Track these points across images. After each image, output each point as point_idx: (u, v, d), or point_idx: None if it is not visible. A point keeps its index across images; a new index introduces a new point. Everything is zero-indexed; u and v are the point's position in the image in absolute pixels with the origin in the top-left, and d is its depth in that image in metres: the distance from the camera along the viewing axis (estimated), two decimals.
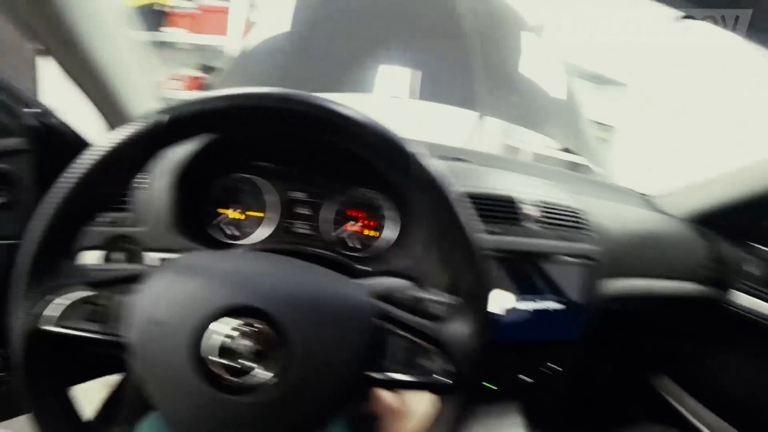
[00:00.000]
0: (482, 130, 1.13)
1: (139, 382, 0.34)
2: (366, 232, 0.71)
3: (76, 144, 0.78)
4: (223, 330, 0.33)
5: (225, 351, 0.33)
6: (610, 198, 0.99)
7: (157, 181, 0.61)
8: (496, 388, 0.87)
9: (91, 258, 0.59)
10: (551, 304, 0.76)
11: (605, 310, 0.86)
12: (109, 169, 0.36)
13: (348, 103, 0.37)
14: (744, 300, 1.05)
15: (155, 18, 2.39)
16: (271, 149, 0.68)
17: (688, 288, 1.02)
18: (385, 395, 0.56)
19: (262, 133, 0.61)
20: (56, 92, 0.74)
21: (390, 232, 0.71)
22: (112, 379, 0.84)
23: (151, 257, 0.60)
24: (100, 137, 0.36)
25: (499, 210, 0.71)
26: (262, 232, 0.68)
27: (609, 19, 2.52)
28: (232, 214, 0.67)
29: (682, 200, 1.07)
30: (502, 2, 1.09)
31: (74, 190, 0.35)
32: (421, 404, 0.51)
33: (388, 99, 0.79)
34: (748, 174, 0.97)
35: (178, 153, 0.62)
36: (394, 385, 0.43)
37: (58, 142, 0.74)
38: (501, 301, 0.71)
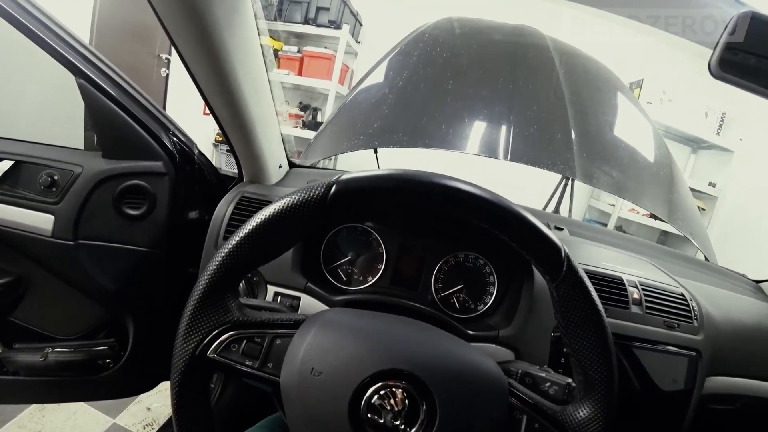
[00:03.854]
0: (568, 193, 1.10)
1: (289, 420, 0.38)
2: (467, 294, 0.72)
3: (210, 177, 0.89)
4: (372, 389, 0.36)
5: (373, 408, 0.36)
6: (716, 282, 0.89)
7: None
8: None
9: None
10: (647, 395, 0.69)
11: (706, 406, 0.76)
12: (280, 227, 0.40)
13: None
14: None
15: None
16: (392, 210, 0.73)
17: None
18: None
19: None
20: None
21: (489, 297, 0.71)
22: None
23: (272, 290, 0.67)
24: (279, 197, 0.40)
25: (609, 290, 0.69)
26: (372, 281, 0.72)
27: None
28: (348, 261, 0.73)
29: None
30: (599, 63, 1.08)
31: (248, 239, 0.40)
32: None
33: (481, 158, 0.80)
34: None
35: None
36: None
37: (194, 172, 0.85)
38: None
